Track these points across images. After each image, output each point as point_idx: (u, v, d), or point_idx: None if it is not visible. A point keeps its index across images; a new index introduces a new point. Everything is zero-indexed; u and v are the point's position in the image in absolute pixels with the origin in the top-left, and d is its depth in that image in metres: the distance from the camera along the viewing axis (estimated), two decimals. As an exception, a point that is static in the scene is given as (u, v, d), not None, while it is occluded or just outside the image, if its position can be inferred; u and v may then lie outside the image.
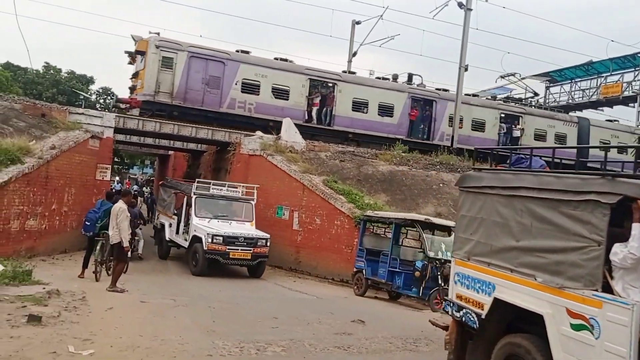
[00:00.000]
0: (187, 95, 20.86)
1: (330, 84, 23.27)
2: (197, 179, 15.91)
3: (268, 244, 14.89)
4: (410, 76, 26.36)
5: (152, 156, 46.40)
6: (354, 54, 30.46)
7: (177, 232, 16.23)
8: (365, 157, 20.05)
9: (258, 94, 21.74)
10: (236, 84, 21.41)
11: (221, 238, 14.21)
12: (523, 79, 35.13)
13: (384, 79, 25.09)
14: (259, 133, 19.75)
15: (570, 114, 31.07)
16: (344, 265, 15.37)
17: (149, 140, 27.80)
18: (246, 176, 18.77)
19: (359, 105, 23.36)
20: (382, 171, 18.70)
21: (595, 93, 33.76)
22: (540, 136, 26.45)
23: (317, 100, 22.98)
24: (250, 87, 21.67)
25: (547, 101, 36.37)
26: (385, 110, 23.78)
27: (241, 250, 14.41)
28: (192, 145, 27.30)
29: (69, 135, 16.21)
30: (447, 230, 13.24)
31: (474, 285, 6.05)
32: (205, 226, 14.64)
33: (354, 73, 24.48)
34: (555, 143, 26.00)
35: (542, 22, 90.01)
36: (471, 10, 23.45)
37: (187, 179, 29.67)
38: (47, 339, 6.57)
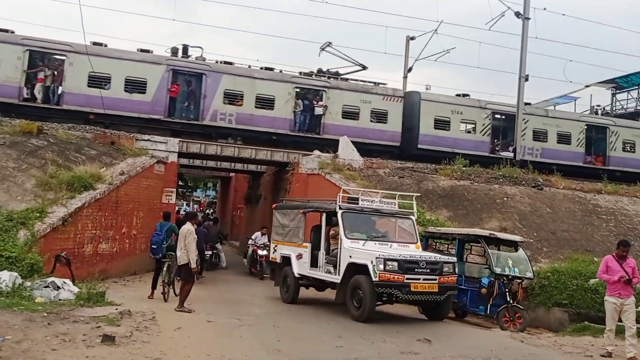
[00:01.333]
0: None
1: (59, 56, 20.22)
2: (342, 188, 13.16)
3: (456, 270, 11.44)
4: (185, 48, 21.98)
5: (214, 179, 47.60)
6: (409, 70, 30.31)
7: (314, 264, 12.53)
8: (424, 172, 19.83)
9: None
10: None
11: (396, 264, 10.51)
12: (587, 86, 33.86)
13: (143, 51, 21.22)
14: (316, 152, 19.92)
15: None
16: (407, 282, 15.12)
17: (211, 163, 28.56)
18: (305, 195, 18.88)
19: (98, 80, 19.85)
20: (443, 186, 18.41)
21: (665, 98, 32.13)
22: (350, 113, 22.56)
23: (41, 76, 19.90)
24: None
25: (614, 108, 34.91)
26: (135, 85, 20.31)
27: (423, 280, 10.69)
28: (252, 167, 27.88)
29: (136, 161, 16.91)
30: (513, 245, 12.83)
31: None
32: (367, 249, 11.13)
33: (100, 44, 20.55)
34: (371, 121, 22.78)
35: (605, 27, 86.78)
36: (529, 19, 22.95)
37: (248, 200, 30.36)
38: (120, 358, 6.80)
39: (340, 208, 11.94)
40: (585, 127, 25.67)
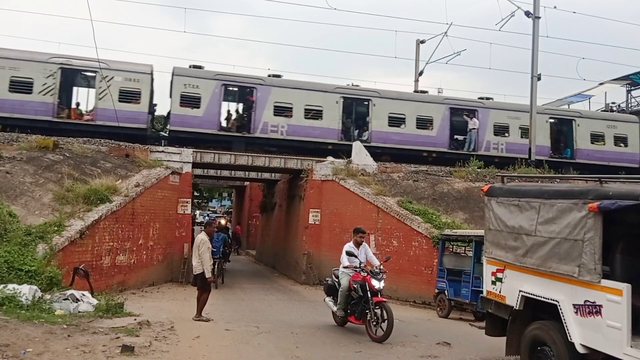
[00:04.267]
0: None
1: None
2: None
3: None
4: None
5: (229, 188, 47.80)
6: (421, 73, 30.26)
7: None
8: (439, 175, 19.73)
9: None
10: None
11: None
12: (601, 84, 33.54)
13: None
14: (330, 158, 19.93)
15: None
16: (425, 286, 15.06)
17: (225, 173, 28.70)
18: (320, 201, 18.95)
19: None
20: (458, 189, 18.29)
21: (681, 93, 31.65)
22: None
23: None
24: None
25: (629, 105, 34.52)
26: None
27: None
28: (266, 175, 28.01)
29: (151, 173, 17.03)
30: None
31: None
32: None
33: None
34: None
35: (618, 24, 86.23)
36: (539, 18, 22.78)
37: (263, 208, 30.41)
38: (140, 368, 6.82)
39: None
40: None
